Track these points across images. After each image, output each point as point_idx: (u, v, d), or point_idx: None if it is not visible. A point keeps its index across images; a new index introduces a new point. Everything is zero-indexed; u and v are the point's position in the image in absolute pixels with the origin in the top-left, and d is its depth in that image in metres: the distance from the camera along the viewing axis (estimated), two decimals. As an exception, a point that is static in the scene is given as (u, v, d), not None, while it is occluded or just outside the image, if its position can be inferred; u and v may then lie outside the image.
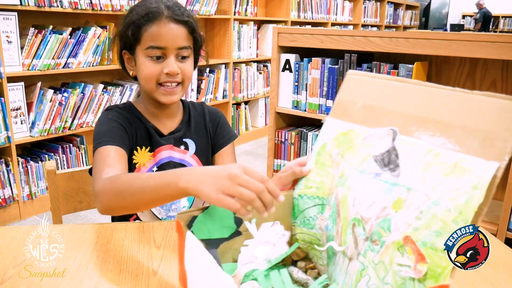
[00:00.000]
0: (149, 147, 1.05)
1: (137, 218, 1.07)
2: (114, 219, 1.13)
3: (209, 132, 1.13)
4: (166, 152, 1.07)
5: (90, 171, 1.08)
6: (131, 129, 1.03)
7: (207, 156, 1.13)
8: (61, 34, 2.52)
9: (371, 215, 0.64)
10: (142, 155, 1.04)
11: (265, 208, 0.63)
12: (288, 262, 0.74)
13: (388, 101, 0.72)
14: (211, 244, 0.67)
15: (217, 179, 0.63)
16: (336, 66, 2.05)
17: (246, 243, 0.70)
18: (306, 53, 2.20)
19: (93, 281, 0.72)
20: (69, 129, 2.67)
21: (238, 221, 0.70)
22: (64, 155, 2.71)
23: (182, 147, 1.09)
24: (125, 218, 1.07)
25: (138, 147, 1.04)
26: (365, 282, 0.63)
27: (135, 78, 1.06)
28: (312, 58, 2.11)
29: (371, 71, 1.94)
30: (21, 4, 2.32)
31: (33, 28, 2.42)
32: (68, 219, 1.26)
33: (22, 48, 2.40)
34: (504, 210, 1.69)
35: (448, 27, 9.58)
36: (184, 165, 1.08)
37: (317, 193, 0.74)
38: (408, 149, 0.65)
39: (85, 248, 0.82)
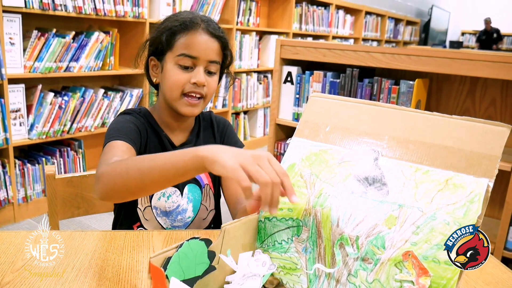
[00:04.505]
0: None
1: (141, 226, 1.06)
2: (116, 227, 1.12)
3: (217, 142, 1.13)
4: None
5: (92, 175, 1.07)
6: (145, 136, 1.04)
7: None
8: (64, 37, 2.52)
9: (361, 233, 0.63)
10: None
11: (271, 202, 0.62)
12: None
13: (362, 124, 0.73)
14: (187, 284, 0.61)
15: (240, 153, 0.64)
16: (338, 80, 2.06)
17: (228, 279, 0.64)
18: (308, 66, 2.21)
19: (91, 290, 0.71)
20: (68, 133, 2.67)
21: (211, 255, 0.64)
22: (61, 159, 2.70)
23: None
24: (129, 226, 1.07)
25: None
26: None
27: (156, 87, 1.06)
28: (314, 71, 2.12)
29: (373, 86, 1.95)
30: (25, 6, 2.32)
31: (37, 31, 2.43)
32: (63, 224, 1.25)
33: (24, 50, 2.40)
34: (501, 229, 1.70)
35: (447, 43, 9.67)
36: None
37: (290, 214, 0.71)
38: (394, 168, 0.66)
39: (83, 256, 0.81)
